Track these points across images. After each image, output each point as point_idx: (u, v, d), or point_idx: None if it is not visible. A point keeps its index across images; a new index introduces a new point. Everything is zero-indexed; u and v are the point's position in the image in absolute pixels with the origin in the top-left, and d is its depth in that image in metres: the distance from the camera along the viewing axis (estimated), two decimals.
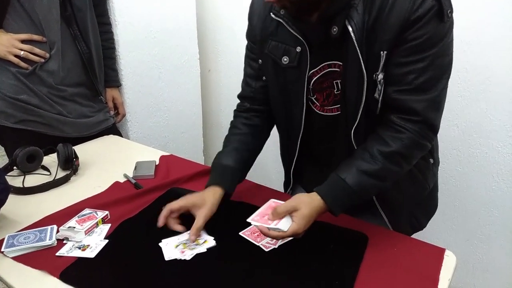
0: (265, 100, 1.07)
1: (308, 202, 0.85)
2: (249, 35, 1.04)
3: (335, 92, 0.93)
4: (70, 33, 1.42)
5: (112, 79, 1.70)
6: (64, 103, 1.47)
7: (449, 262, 0.86)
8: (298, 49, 0.91)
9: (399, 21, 0.79)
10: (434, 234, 1.70)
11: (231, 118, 1.12)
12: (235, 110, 1.13)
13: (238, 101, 1.13)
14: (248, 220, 0.87)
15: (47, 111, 1.44)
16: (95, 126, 1.57)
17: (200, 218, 0.92)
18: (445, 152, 1.61)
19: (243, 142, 1.06)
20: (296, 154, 1.07)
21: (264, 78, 1.04)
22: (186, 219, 0.97)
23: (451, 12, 0.80)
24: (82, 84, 1.51)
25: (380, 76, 0.84)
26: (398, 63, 0.83)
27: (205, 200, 0.95)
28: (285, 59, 0.94)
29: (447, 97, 0.88)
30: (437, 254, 0.88)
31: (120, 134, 1.70)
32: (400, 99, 0.85)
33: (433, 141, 0.91)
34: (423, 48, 0.80)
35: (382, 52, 0.82)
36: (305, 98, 0.97)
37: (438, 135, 0.92)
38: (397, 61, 0.83)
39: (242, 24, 1.05)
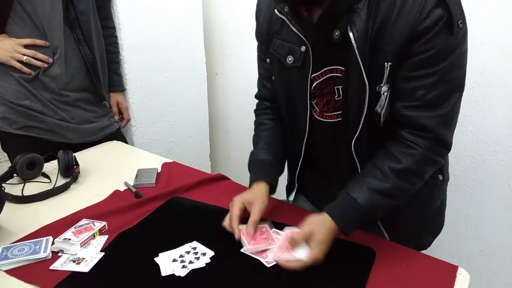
0: None
1: (322, 226, 0.83)
2: (257, 34, 1.02)
3: (336, 99, 0.89)
4: (74, 37, 1.41)
5: (116, 83, 1.68)
6: (67, 109, 1.45)
7: (462, 280, 0.81)
8: (303, 48, 0.88)
9: (405, 32, 0.74)
10: (447, 244, 1.63)
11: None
12: (255, 110, 1.13)
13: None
14: (271, 255, 0.86)
15: (50, 117, 1.42)
16: (99, 132, 1.55)
17: (256, 211, 0.91)
18: (458, 159, 1.54)
19: (274, 135, 1.06)
20: (302, 157, 1.03)
21: (273, 78, 1.01)
22: (185, 232, 0.94)
23: (463, 23, 0.74)
24: (86, 89, 1.49)
25: (384, 89, 0.80)
26: (405, 77, 0.78)
27: (256, 195, 0.94)
28: (290, 59, 0.91)
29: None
30: (449, 271, 0.83)
31: (124, 140, 1.67)
32: (410, 115, 0.80)
33: (445, 157, 0.87)
34: (432, 62, 0.75)
35: (386, 63, 0.77)
36: (308, 100, 0.93)
37: None
38: (405, 75, 0.78)
39: (249, 27, 1.03)
